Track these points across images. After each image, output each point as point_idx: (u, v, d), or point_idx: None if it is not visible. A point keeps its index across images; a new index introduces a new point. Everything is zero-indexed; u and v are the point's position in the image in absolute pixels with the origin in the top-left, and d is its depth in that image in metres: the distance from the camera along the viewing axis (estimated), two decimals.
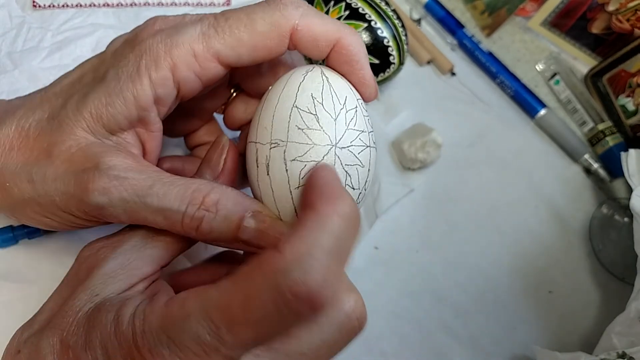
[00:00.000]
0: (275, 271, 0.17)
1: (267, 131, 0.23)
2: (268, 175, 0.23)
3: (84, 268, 0.22)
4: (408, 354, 0.34)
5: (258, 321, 0.18)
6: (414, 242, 0.37)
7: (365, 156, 0.23)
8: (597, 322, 0.37)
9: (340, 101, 0.23)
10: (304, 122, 0.22)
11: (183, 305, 0.19)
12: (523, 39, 0.46)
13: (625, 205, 0.40)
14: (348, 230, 0.19)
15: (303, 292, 0.17)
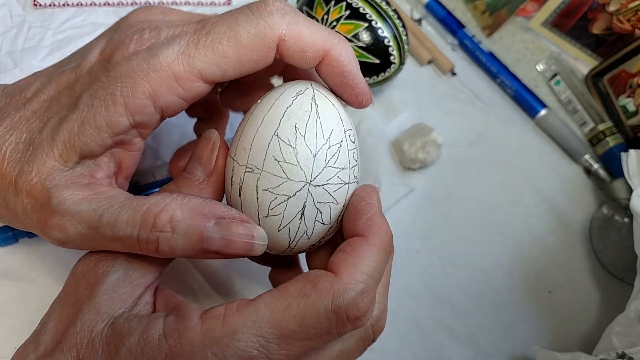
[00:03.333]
0: (334, 292, 0.20)
1: (245, 153, 0.23)
2: (240, 197, 0.23)
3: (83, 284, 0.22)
4: (408, 353, 0.34)
5: (309, 337, 0.19)
6: (414, 242, 0.37)
7: (341, 193, 0.23)
8: (596, 322, 0.37)
9: (324, 135, 0.22)
10: (282, 154, 0.22)
11: (226, 322, 0.19)
12: (524, 39, 0.46)
13: (625, 206, 0.40)
14: (385, 261, 0.22)
15: (357, 313, 0.20)
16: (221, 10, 0.40)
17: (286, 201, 0.22)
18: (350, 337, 0.22)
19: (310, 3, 0.36)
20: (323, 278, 0.20)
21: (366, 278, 0.20)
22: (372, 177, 0.36)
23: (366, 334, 0.22)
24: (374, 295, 0.21)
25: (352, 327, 0.20)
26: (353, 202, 0.23)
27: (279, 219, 0.22)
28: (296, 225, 0.23)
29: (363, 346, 0.23)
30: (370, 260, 0.21)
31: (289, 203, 0.22)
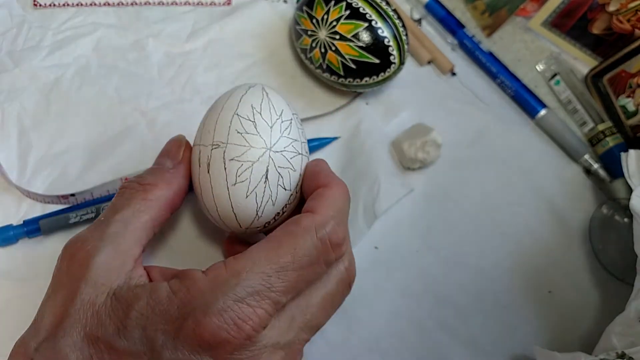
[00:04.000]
0: (316, 225, 0.23)
1: (209, 134, 0.26)
2: (208, 174, 0.26)
3: (75, 264, 0.22)
4: (408, 353, 0.34)
5: (302, 266, 0.22)
6: (414, 242, 0.37)
7: (297, 162, 0.27)
8: (596, 322, 0.37)
9: (277, 112, 0.27)
10: (243, 127, 0.26)
11: (229, 268, 0.22)
12: (523, 39, 0.46)
13: (625, 206, 0.40)
14: (347, 202, 0.26)
15: (337, 240, 0.23)
16: (221, 11, 0.40)
17: (251, 167, 0.25)
18: (330, 279, 0.25)
19: (310, 3, 0.36)
20: (304, 217, 0.24)
21: (338, 212, 0.25)
22: (372, 177, 0.36)
23: (342, 275, 0.25)
24: (346, 228, 0.25)
25: (335, 255, 0.24)
26: (309, 169, 0.27)
27: (246, 185, 0.26)
28: (262, 190, 0.26)
29: (342, 289, 0.25)
30: (337, 199, 0.25)
31: (253, 168, 0.25)
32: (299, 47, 0.37)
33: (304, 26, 0.36)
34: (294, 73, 0.39)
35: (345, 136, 0.38)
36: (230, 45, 0.39)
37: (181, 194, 0.27)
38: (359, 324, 0.34)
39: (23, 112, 0.34)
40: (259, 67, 0.39)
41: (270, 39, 0.40)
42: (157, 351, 0.20)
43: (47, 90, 0.35)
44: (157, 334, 0.20)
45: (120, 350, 0.21)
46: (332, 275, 0.25)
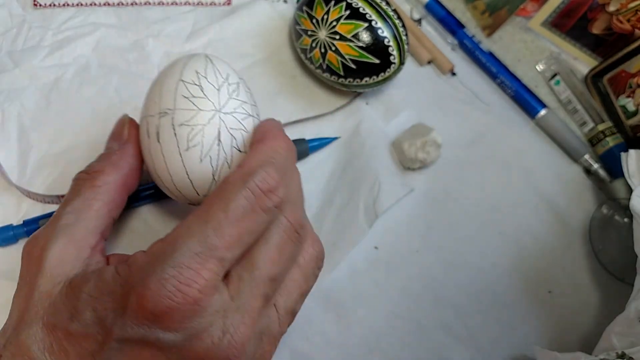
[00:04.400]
0: (243, 175, 0.22)
1: (155, 104, 0.26)
2: (159, 142, 0.25)
3: (33, 261, 0.23)
4: (408, 353, 0.34)
5: (239, 218, 0.21)
6: (414, 242, 0.37)
7: (249, 123, 0.26)
8: (596, 322, 0.37)
9: (222, 76, 0.26)
10: (190, 92, 0.25)
11: (165, 240, 0.21)
12: (523, 39, 0.46)
13: (625, 206, 0.40)
14: (288, 152, 0.25)
15: (269, 185, 0.22)
16: (221, 11, 0.40)
17: (202, 130, 0.25)
18: (273, 230, 0.23)
19: (310, 3, 0.36)
20: (232, 173, 0.23)
21: (268, 160, 0.23)
22: (372, 176, 0.36)
23: (286, 225, 0.24)
24: (281, 175, 0.23)
25: (271, 201, 0.22)
26: (255, 128, 0.27)
27: (199, 149, 0.25)
28: (216, 153, 0.25)
29: (288, 237, 0.24)
30: (267, 150, 0.24)
31: (204, 131, 0.25)
32: (299, 47, 0.37)
33: (304, 26, 0.36)
34: (294, 73, 0.39)
35: (346, 136, 0.38)
36: (230, 46, 0.39)
37: (133, 173, 0.27)
38: (358, 324, 0.34)
39: (23, 112, 0.34)
40: (259, 67, 0.39)
41: (270, 39, 0.40)
42: (108, 329, 0.20)
43: (47, 90, 0.35)
44: (106, 313, 0.20)
45: (75, 333, 0.21)
46: (275, 225, 0.23)
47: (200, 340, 0.20)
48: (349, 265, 0.35)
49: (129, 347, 0.20)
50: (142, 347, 0.20)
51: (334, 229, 0.35)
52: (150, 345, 0.20)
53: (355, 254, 0.35)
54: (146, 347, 0.20)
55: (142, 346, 0.20)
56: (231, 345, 0.21)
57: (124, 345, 0.20)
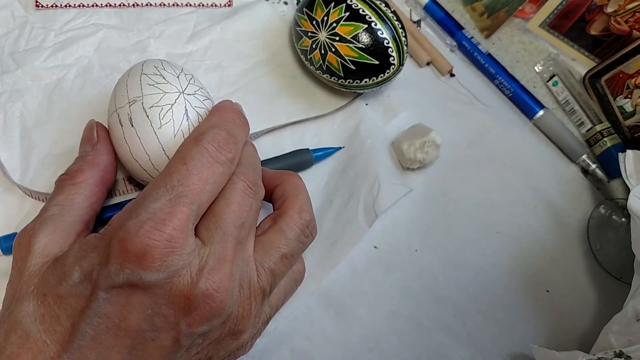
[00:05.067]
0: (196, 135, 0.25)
1: (123, 96, 0.28)
2: (133, 127, 0.28)
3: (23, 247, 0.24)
4: (407, 352, 0.34)
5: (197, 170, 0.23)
6: (413, 241, 0.37)
7: (209, 105, 0.29)
8: (594, 321, 0.37)
9: (177, 69, 0.29)
10: (154, 80, 0.28)
11: (138, 196, 0.23)
12: (522, 41, 0.46)
13: (622, 206, 0.40)
14: (239, 122, 0.27)
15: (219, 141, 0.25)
16: (222, 12, 0.40)
17: (171, 108, 0.27)
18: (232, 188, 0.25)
19: (310, 5, 0.36)
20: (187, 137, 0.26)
21: (217, 122, 0.26)
22: (372, 177, 0.37)
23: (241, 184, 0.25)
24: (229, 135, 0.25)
25: (223, 155, 0.25)
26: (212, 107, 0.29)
27: (171, 125, 0.27)
28: (187, 128, 0.27)
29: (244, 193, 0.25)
30: (217, 115, 0.27)
31: (173, 109, 0.27)
32: (299, 48, 0.37)
33: (304, 27, 0.36)
34: (295, 74, 0.39)
35: (345, 136, 0.38)
36: (231, 47, 0.39)
37: (109, 169, 0.29)
38: (358, 323, 0.34)
39: (25, 112, 0.34)
40: (259, 68, 0.39)
41: (270, 40, 0.40)
42: (94, 282, 0.21)
43: (49, 91, 0.35)
44: (92, 268, 0.22)
45: (65, 295, 0.22)
46: (230, 185, 0.25)
47: (181, 277, 0.22)
48: (348, 265, 0.35)
49: (116, 294, 0.21)
50: (129, 292, 0.21)
51: (334, 229, 0.35)
52: (136, 289, 0.21)
53: (355, 254, 0.35)
54: (132, 291, 0.21)
55: (129, 291, 0.21)
56: (210, 280, 0.22)
57: (111, 293, 0.21)
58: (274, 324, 0.32)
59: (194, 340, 0.23)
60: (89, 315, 0.21)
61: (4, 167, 0.32)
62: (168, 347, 0.22)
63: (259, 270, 0.26)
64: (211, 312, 0.22)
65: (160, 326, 0.22)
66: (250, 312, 0.25)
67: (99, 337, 0.21)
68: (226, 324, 0.24)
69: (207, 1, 0.40)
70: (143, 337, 0.22)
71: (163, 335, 0.22)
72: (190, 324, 0.22)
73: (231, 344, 0.25)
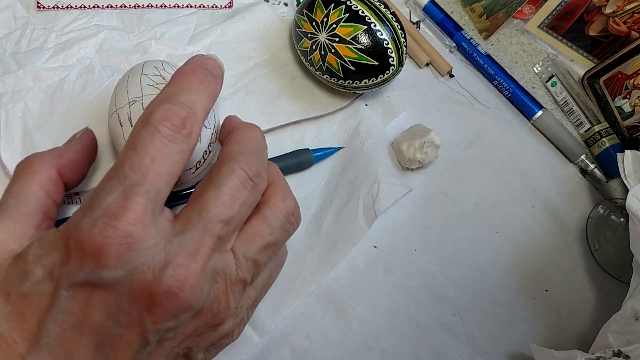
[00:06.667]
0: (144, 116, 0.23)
1: (123, 97, 0.28)
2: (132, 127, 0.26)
3: None
4: (407, 351, 0.34)
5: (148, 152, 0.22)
6: (412, 241, 0.37)
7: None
8: (593, 321, 0.37)
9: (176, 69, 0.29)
10: (153, 81, 0.28)
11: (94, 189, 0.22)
12: (520, 42, 0.46)
13: (621, 206, 0.40)
14: (200, 81, 0.25)
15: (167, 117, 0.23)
16: (223, 13, 0.41)
17: None
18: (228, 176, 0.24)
19: (310, 6, 0.36)
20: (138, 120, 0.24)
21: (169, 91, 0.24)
22: (371, 177, 0.37)
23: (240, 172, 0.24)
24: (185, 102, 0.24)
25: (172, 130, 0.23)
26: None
27: None
28: None
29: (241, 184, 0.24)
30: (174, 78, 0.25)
31: None
32: (300, 49, 0.37)
33: (304, 29, 0.36)
34: (295, 75, 0.39)
35: (345, 137, 0.39)
36: (232, 48, 0.39)
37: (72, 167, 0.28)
38: (358, 322, 0.34)
39: (27, 112, 0.34)
40: (260, 69, 0.39)
41: (271, 41, 0.40)
42: (57, 280, 0.21)
43: (50, 92, 0.35)
44: (53, 266, 0.21)
45: (28, 293, 0.21)
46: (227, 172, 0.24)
47: (142, 273, 0.21)
48: (348, 264, 0.35)
49: (77, 293, 0.21)
50: (90, 290, 0.21)
51: (334, 229, 0.35)
52: (96, 287, 0.21)
53: (355, 253, 0.36)
54: (93, 290, 0.21)
55: (90, 290, 0.21)
56: (174, 277, 0.21)
57: (72, 292, 0.21)
58: (274, 323, 0.33)
59: (163, 335, 0.22)
60: (53, 314, 0.21)
61: (6, 167, 0.33)
62: (135, 343, 0.22)
63: (239, 261, 0.24)
64: (175, 309, 0.22)
65: (126, 323, 0.21)
66: (227, 305, 0.24)
67: (65, 334, 0.21)
68: (199, 318, 0.23)
69: (207, 2, 0.40)
70: (109, 334, 0.21)
71: (129, 332, 0.22)
72: (155, 321, 0.21)
73: (211, 335, 0.25)
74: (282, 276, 0.34)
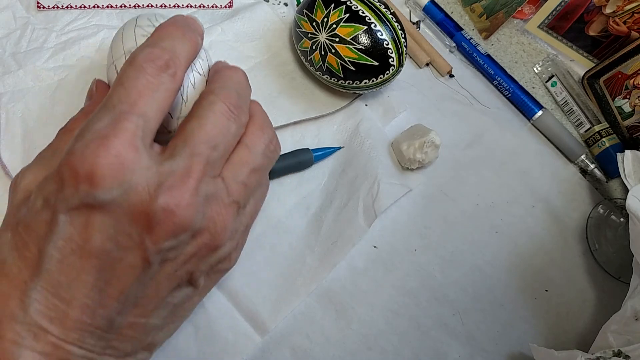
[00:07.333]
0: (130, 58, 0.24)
1: (120, 48, 0.29)
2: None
3: (13, 187, 0.25)
4: (407, 351, 0.34)
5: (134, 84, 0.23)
6: (412, 241, 0.37)
7: (203, 53, 0.30)
8: (593, 321, 0.37)
9: None
10: (147, 32, 0.29)
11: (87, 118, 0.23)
12: (520, 42, 0.46)
13: (621, 206, 0.40)
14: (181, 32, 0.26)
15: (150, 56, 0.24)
16: (223, 13, 0.41)
17: None
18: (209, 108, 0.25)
19: (310, 6, 0.36)
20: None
21: (152, 39, 0.25)
22: (372, 177, 0.37)
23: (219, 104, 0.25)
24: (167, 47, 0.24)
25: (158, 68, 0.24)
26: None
27: None
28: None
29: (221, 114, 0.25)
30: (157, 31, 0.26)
31: None
32: (300, 49, 0.37)
33: (305, 29, 0.36)
34: (295, 75, 0.39)
35: (345, 137, 0.39)
36: (232, 48, 0.39)
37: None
38: (358, 322, 0.34)
39: (27, 112, 0.34)
40: (260, 69, 0.39)
41: (271, 41, 0.40)
42: (54, 207, 0.22)
43: (51, 91, 0.35)
44: (50, 194, 0.22)
45: (30, 222, 0.22)
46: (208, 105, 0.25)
47: (138, 194, 0.21)
48: (348, 264, 0.35)
49: (75, 216, 0.21)
50: (87, 212, 0.21)
51: (334, 229, 0.35)
52: (93, 209, 0.21)
53: (355, 253, 0.36)
54: (91, 211, 0.21)
55: (87, 212, 0.21)
56: (169, 195, 0.22)
57: (70, 216, 0.21)
58: (274, 323, 0.33)
59: (164, 255, 0.23)
60: (53, 240, 0.21)
61: (7, 167, 0.33)
62: (138, 265, 0.22)
63: (229, 185, 0.25)
64: (174, 228, 0.22)
65: (126, 245, 0.22)
66: (225, 226, 0.25)
67: (65, 259, 0.21)
68: (198, 238, 0.24)
69: (207, 2, 0.40)
70: (110, 257, 0.22)
71: (130, 254, 0.22)
72: (155, 241, 0.22)
73: (211, 257, 0.25)
74: (282, 276, 0.34)
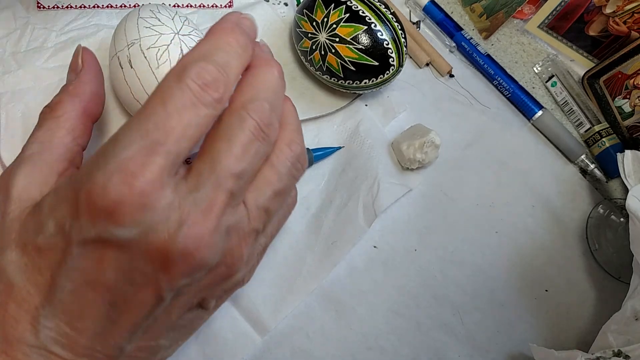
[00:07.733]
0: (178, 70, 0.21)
1: (122, 39, 0.30)
2: (132, 68, 0.29)
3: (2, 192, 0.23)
4: (407, 351, 0.35)
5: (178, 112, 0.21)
6: (412, 241, 0.37)
7: None
8: (593, 321, 0.37)
9: (172, 12, 0.31)
10: (149, 23, 0.29)
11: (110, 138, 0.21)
12: (520, 42, 0.46)
13: (621, 206, 0.40)
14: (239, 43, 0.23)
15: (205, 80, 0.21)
16: (223, 13, 0.40)
17: (167, 49, 0.29)
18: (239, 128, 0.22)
19: (310, 6, 0.36)
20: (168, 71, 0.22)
21: (205, 52, 0.22)
22: (371, 176, 0.37)
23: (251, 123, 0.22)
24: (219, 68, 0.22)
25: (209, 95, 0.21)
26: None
27: (168, 65, 0.29)
28: None
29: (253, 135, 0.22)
30: (208, 43, 0.22)
31: (169, 50, 0.29)
32: (300, 49, 0.37)
33: (305, 29, 0.36)
34: (295, 75, 0.39)
35: (345, 137, 0.39)
36: None
37: (93, 98, 0.27)
38: (358, 321, 0.34)
39: (27, 112, 0.34)
40: None
41: (271, 41, 0.40)
42: (68, 236, 0.20)
43: (51, 91, 0.35)
44: (64, 220, 0.21)
45: (43, 247, 0.21)
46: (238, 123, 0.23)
47: (156, 233, 0.20)
48: (348, 264, 0.35)
49: (90, 250, 0.20)
50: (102, 248, 0.20)
51: (334, 228, 0.35)
52: (109, 245, 0.20)
53: (355, 253, 0.36)
54: (106, 247, 0.20)
55: (102, 247, 0.20)
56: (189, 236, 0.20)
57: (84, 249, 0.20)
58: (274, 323, 0.33)
59: (178, 291, 0.22)
60: (66, 270, 0.21)
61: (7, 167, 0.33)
62: (150, 301, 0.21)
63: (251, 212, 0.23)
64: (191, 268, 0.21)
65: (140, 282, 0.21)
66: (241, 257, 0.23)
67: (77, 290, 0.21)
68: (214, 272, 0.23)
69: (207, 2, 0.40)
70: (123, 291, 0.21)
71: (144, 290, 0.21)
72: (170, 280, 0.21)
73: (225, 284, 0.24)
74: (282, 276, 0.34)
